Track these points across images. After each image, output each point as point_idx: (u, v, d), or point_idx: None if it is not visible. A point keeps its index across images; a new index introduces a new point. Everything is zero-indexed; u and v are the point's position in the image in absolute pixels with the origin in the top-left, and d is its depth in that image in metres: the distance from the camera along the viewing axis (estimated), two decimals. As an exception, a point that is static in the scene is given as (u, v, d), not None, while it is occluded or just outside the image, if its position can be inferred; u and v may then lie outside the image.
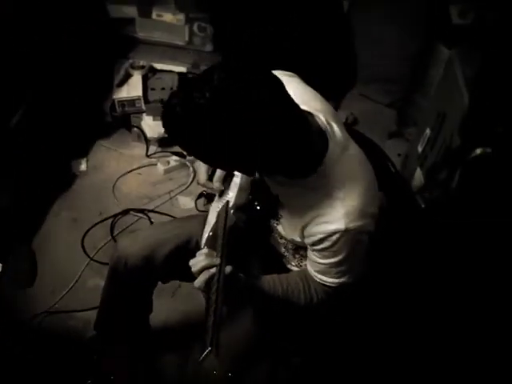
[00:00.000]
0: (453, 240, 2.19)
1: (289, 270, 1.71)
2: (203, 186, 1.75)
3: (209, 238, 1.70)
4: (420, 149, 2.84)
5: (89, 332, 2.32)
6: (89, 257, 2.64)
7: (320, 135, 1.39)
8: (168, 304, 2.43)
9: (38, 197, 2.79)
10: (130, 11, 3.13)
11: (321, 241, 1.41)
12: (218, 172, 1.70)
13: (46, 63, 2.77)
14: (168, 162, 3.04)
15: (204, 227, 1.77)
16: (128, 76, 3.09)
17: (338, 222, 1.36)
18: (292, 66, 2.92)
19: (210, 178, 1.73)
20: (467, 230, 2.20)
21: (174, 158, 3.07)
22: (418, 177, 2.77)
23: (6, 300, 2.39)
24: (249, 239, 1.70)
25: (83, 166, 3.01)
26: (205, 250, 1.45)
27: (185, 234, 1.84)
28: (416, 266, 1.98)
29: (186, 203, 2.93)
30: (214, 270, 1.38)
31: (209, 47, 3.18)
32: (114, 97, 3.03)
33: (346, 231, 1.36)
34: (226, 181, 1.74)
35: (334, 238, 1.38)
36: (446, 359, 2.25)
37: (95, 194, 2.92)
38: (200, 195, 2.07)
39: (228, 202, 1.65)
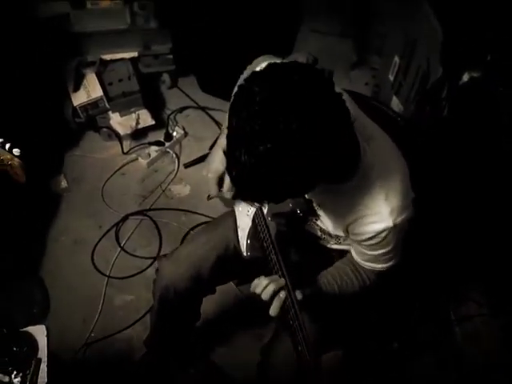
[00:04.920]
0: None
1: (328, 250, 1.83)
2: (216, 197, 1.83)
3: (248, 245, 1.82)
4: (391, 77, 2.95)
5: (136, 350, 2.47)
6: (105, 275, 2.72)
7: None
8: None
9: (31, 228, 2.82)
10: (62, 6, 3.05)
11: (370, 239, 1.52)
12: (227, 181, 1.77)
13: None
14: (149, 155, 3.09)
15: (237, 232, 1.88)
16: (81, 77, 3.07)
17: (386, 220, 1.46)
18: (242, 18, 3.01)
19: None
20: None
21: (153, 148, 3.11)
22: (396, 104, 2.89)
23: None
24: (291, 238, 1.82)
25: (63, 183, 3.02)
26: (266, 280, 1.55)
27: (221, 243, 1.95)
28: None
29: (180, 191, 3.02)
30: (283, 294, 1.51)
31: (153, 24, 3.15)
32: (75, 104, 3.01)
33: (394, 227, 1.47)
34: None
35: (383, 235, 1.49)
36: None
37: (86, 208, 2.96)
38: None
39: (261, 208, 1.76)
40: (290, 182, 1.23)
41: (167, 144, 3.13)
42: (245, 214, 1.85)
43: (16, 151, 1.66)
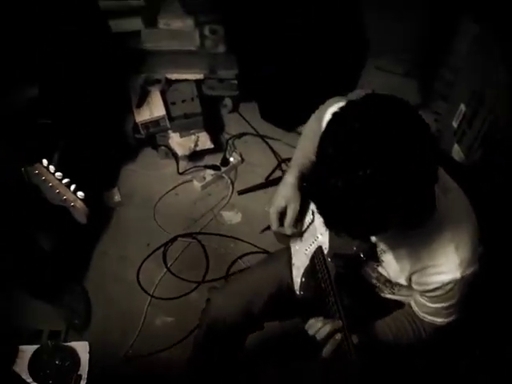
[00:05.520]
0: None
1: (382, 299, 1.80)
2: (277, 232, 1.82)
3: (302, 284, 1.81)
4: (455, 125, 2.91)
5: (173, 372, 2.44)
6: (149, 294, 2.73)
7: None
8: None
9: (80, 238, 2.83)
10: (134, 24, 3.13)
11: (434, 290, 1.50)
12: (289, 217, 1.76)
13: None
14: (203, 178, 3.11)
15: (291, 270, 1.87)
16: (145, 93, 3.12)
17: (454, 272, 1.43)
18: (307, 51, 3.04)
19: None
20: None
21: (208, 171, 3.13)
22: (457, 152, 2.85)
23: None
24: (349, 282, 1.80)
25: (117, 197, 3.05)
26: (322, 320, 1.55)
27: (274, 280, 1.94)
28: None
29: (232, 218, 3.02)
30: (339, 336, 1.50)
31: (221, 48, 3.20)
32: (137, 120, 3.06)
33: (461, 279, 1.44)
34: (298, 224, 1.82)
35: (449, 287, 1.47)
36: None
37: (137, 224, 2.98)
38: (269, 228, 2.09)
39: (321, 248, 1.74)
40: (378, 213, 1.23)
41: (223, 169, 3.15)
42: (302, 253, 1.84)
43: (80, 194, 1.70)
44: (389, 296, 1.77)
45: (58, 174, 1.72)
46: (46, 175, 1.74)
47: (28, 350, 1.94)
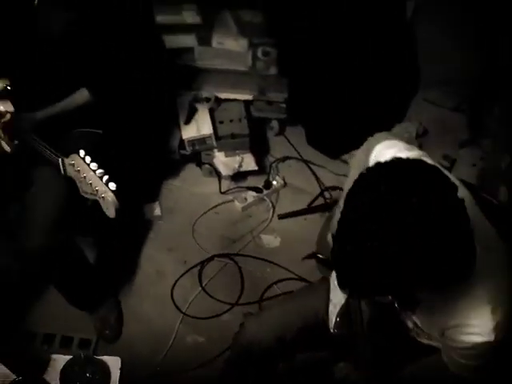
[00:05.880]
0: None
1: (418, 343, 1.78)
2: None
3: (337, 323, 1.79)
4: (503, 165, 2.86)
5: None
6: (181, 312, 2.74)
7: None
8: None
9: (119, 250, 2.89)
10: (188, 40, 3.17)
11: (466, 349, 1.46)
12: None
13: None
14: (245, 199, 3.11)
15: (328, 305, 1.86)
16: (193, 110, 3.15)
17: (488, 335, 1.39)
18: (358, 81, 3.03)
19: None
20: None
21: (250, 193, 3.14)
22: (503, 193, 2.80)
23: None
24: (382, 326, 1.78)
25: (157, 211, 3.08)
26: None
27: (310, 312, 1.93)
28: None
29: (270, 242, 3.01)
30: None
31: (273, 71, 3.22)
32: (184, 136, 3.09)
33: (494, 342, 1.40)
34: None
35: (481, 348, 1.43)
36: None
37: (175, 240, 3.00)
38: (311, 256, 2.05)
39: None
40: (385, 281, 1.22)
41: (265, 192, 3.15)
42: (339, 290, 1.83)
43: (112, 185, 1.71)
44: (425, 341, 1.74)
45: (94, 165, 1.73)
46: (80, 166, 1.76)
47: (60, 359, 1.96)
